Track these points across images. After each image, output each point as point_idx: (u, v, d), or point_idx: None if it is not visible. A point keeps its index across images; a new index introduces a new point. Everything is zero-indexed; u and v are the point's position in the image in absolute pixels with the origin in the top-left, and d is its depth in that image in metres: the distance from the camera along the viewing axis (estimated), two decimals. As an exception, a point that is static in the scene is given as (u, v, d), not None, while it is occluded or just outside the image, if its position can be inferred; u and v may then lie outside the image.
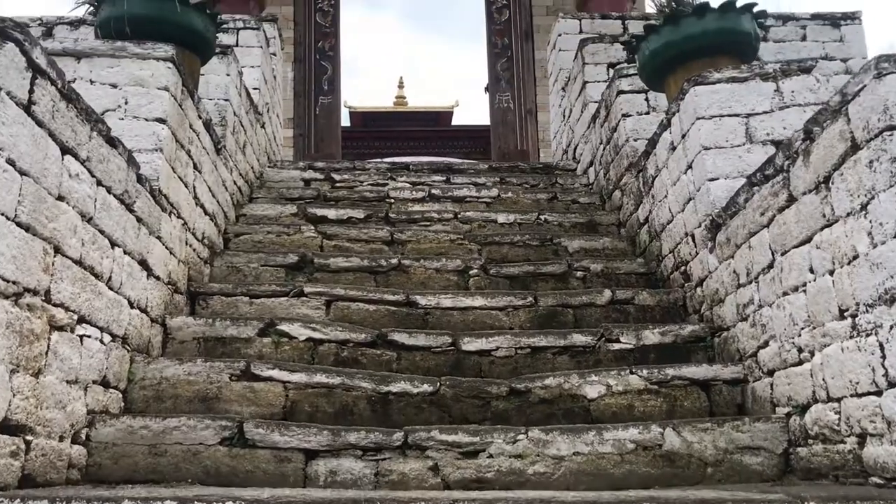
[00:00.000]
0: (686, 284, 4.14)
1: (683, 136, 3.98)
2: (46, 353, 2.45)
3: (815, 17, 7.05)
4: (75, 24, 6.56)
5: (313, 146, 11.37)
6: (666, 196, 4.32)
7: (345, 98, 25.74)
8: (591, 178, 6.11)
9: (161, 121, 3.59)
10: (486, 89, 15.18)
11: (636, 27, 7.05)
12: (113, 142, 2.96)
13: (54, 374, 2.51)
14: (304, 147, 11.24)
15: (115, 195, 2.98)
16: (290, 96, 11.21)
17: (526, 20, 11.55)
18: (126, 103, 3.58)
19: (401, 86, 28.93)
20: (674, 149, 4.14)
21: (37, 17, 6.77)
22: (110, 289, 2.96)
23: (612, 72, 6.15)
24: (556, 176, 6.42)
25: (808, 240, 2.78)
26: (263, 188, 5.88)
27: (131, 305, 3.19)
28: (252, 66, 6.02)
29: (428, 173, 6.46)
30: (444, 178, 6.26)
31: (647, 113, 5.14)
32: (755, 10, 4.23)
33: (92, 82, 3.59)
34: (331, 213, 5.29)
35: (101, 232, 2.87)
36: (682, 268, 4.16)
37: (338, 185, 6.09)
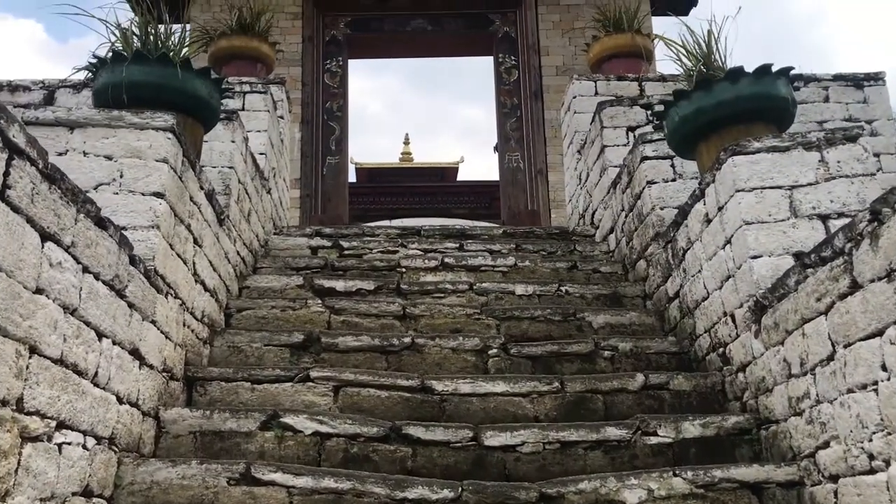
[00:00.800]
0: (725, 368, 3.81)
1: (720, 209, 3.70)
2: (16, 472, 2.14)
3: (838, 77, 6.84)
4: (78, 87, 6.38)
5: (320, 207, 11.15)
6: (700, 271, 4.02)
7: (351, 154, 25.89)
8: (611, 246, 5.82)
9: (159, 195, 3.33)
10: (496, 149, 15.07)
11: (653, 89, 6.87)
12: (102, 223, 2.69)
13: (25, 493, 2.19)
14: (311, 208, 11.01)
15: (103, 281, 2.70)
16: (297, 157, 11.04)
17: (535, 80, 11.42)
18: (121, 176, 3.32)
19: (406, 142, 29.14)
20: (709, 221, 3.86)
21: (39, 79, 6.61)
22: (96, 386, 2.66)
23: (631, 136, 5.94)
24: (575, 242, 6.13)
25: (879, 333, 2.46)
26: (268, 257, 5.60)
27: (120, 401, 2.88)
28: (259, 131, 5.81)
29: (440, 239, 6.19)
30: (458, 245, 5.98)
31: (673, 180, 4.87)
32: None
33: (85, 154, 3.34)
34: (339, 285, 5.00)
35: (87, 323, 2.58)
36: (721, 350, 3.84)
37: (346, 252, 5.82)
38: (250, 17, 7.05)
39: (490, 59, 12.38)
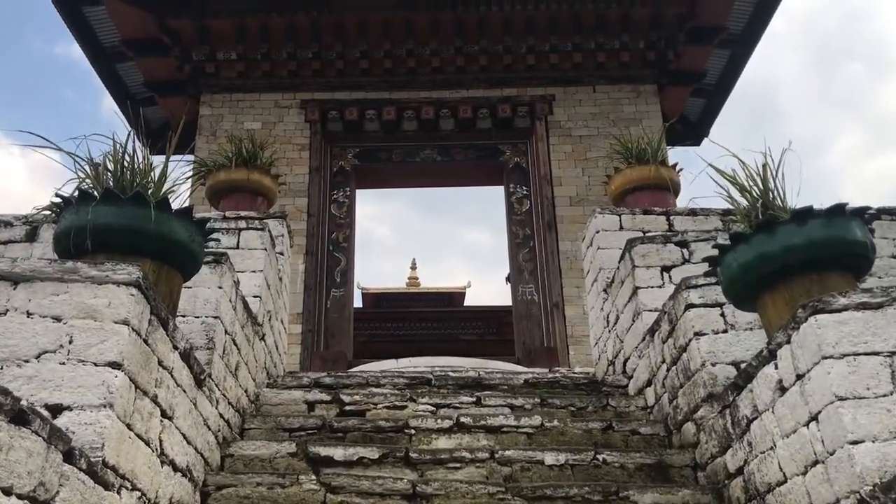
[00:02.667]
0: (817, 577, 3.04)
1: (800, 377, 3.04)
2: None
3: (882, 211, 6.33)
4: (62, 222, 5.90)
5: (322, 343, 10.51)
6: (773, 448, 3.32)
7: (357, 279, 25.52)
8: (649, 401, 5.12)
9: (115, 365, 2.70)
10: (508, 280, 14.54)
11: (683, 223, 6.36)
12: (23, 418, 2.05)
13: None
14: (312, 344, 10.36)
15: (17, 495, 2.03)
16: (299, 290, 10.50)
17: (548, 211, 11.02)
18: (71, 342, 2.71)
19: (413, 267, 28.93)
20: (783, 390, 3.20)
21: (22, 214, 6.14)
22: None
23: (666, 276, 5.36)
24: (606, 396, 5.43)
25: None
26: (259, 416, 4.90)
27: None
28: (254, 271, 5.25)
29: (453, 391, 5.50)
30: (474, 399, 5.28)
31: (725, 331, 4.24)
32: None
33: (29, 314, 2.74)
34: (337, 453, 4.28)
35: (-12, 559, 1.90)
36: (810, 552, 3.08)
37: (347, 408, 5.12)
38: (252, 149, 6.66)
39: (501, 188, 12.08)
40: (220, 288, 4.18)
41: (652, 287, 5.28)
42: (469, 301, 24.71)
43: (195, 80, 11.87)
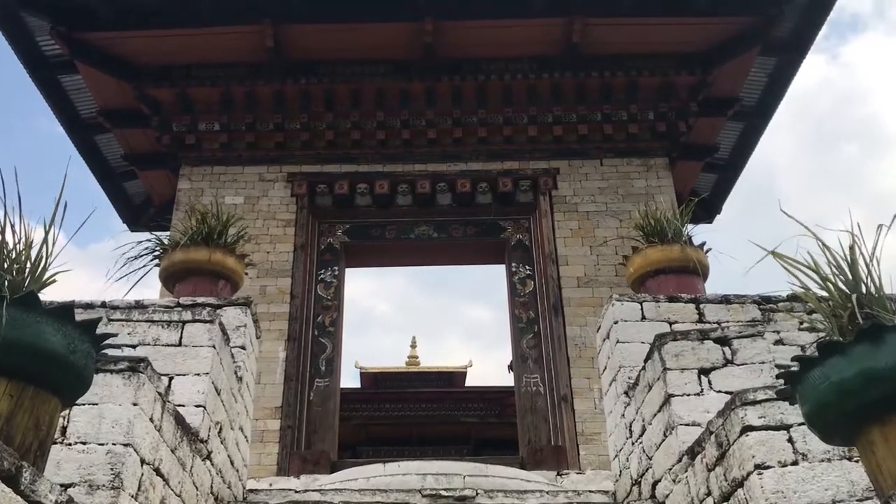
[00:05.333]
0: None
1: (950, 565, 2.05)
2: None
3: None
4: None
5: (304, 441, 9.40)
6: None
7: (356, 359, 24.56)
8: (689, 540, 4.06)
9: None
10: (510, 368, 13.51)
11: (715, 313, 5.42)
12: None
13: None
14: (292, 442, 9.25)
15: None
16: (279, 380, 9.47)
17: (554, 293, 10.07)
18: None
19: (413, 345, 28.08)
20: (915, 575, 2.19)
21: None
22: None
23: (705, 380, 4.38)
24: (633, 530, 4.38)
25: None
26: (193, 563, 3.86)
27: None
28: (197, 374, 4.26)
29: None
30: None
31: (794, 463, 3.24)
32: None
33: None
34: None
35: None
36: None
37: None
38: (216, 223, 5.77)
39: (502, 267, 11.18)
40: (136, 405, 3.20)
41: (688, 395, 4.29)
42: (470, 381, 23.86)
43: (175, 152, 11.11)
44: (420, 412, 21.16)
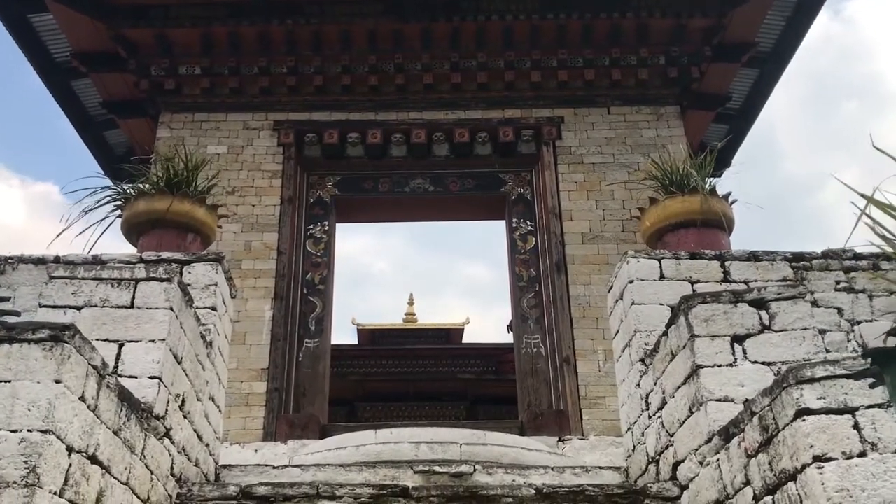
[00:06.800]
0: None
1: None
2: None
3: None
4: None
5: (291, 404, 8.88)
6: None
7: (353, 315, 24.24)
8: (719, 533, 3.52)
9: None
10: (510, 328, 12.98)
11: (742, 272, 4.83)
12: None
13: None
14: (279, 405, 8.73)
15: None
16: (265, 341, 8.92)
17: (557, 249, 9.47)
18: None
19: (410, 303, 27.78)
20: None
21: None
22: None
23: (739, 349, 3.81)
24: (653, 517, 3.85)
25: None
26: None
27: None
28: (152, 341, 3.67)
29: (438, 505, 3.92)
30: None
31: (863, 454, 2.67)
32: None
33: None
34: None
35: None
36: None
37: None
38: (182, 169, 5.14)
39: (502, 222, 10.56)
40: (59, 382, 2.61)
41: (720, 366, 3.72)
42: (468, 338, 23.64)
43: (154, 98, 10.39)
44: (417, 369, 21.01)
